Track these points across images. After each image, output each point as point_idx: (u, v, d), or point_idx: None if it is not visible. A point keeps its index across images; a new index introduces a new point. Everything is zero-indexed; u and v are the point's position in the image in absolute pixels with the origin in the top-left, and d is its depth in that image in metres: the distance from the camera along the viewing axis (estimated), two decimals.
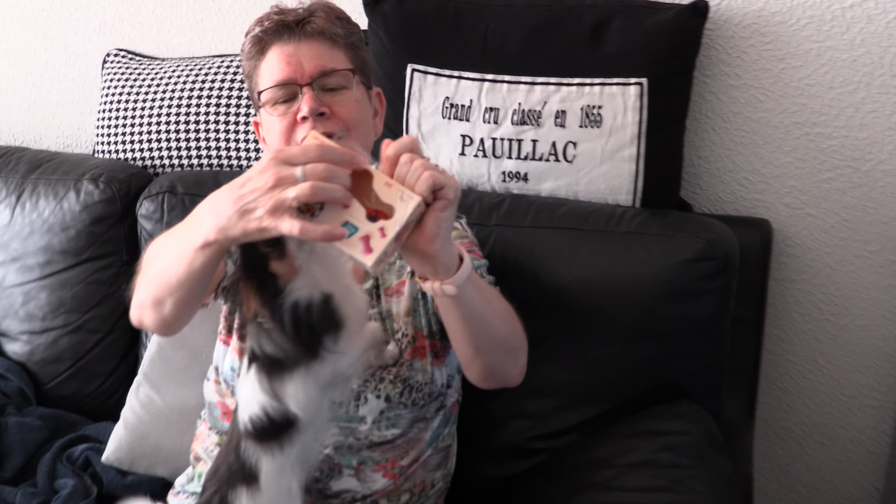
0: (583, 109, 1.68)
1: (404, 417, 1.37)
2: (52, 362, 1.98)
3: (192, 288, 1.14)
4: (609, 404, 1.56)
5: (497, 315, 1.20)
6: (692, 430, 1.47)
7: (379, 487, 1.37)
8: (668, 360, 1.55)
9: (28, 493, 1.70)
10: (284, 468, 1.20)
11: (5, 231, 2.01)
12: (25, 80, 2.34)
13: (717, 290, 1.53)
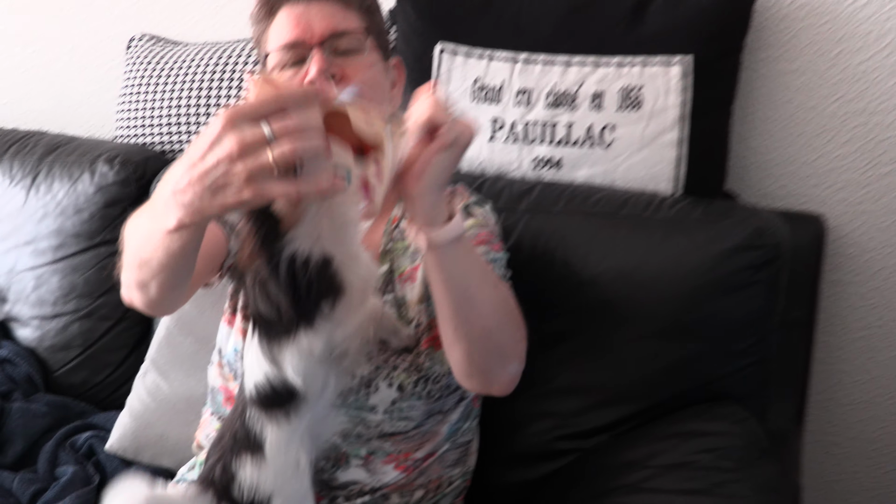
0: (621, 91, 1.59)
1: (418, 409, 1.28)
2: (62, 349, 1.94)
3: (175, 270, 1.05)
4: (642, 404, 1.45)
5: (486, 301, 1.09)
6: (736, 431, 1.36)
7: (389, 480, 1.29)
8: (709, 358, 1.44)
9: (26, 479, 1.66)
10: (292, 440, 1.15)
11: (19, 214, 1.99)
12: (51, 67, 2.32)
13: (764, 281, 1.42)
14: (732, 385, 1.44)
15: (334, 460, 1.27)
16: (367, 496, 1.28)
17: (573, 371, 1.49)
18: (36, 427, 1.78)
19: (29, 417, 1.79)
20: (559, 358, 1.49)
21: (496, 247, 1.32)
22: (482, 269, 1.10)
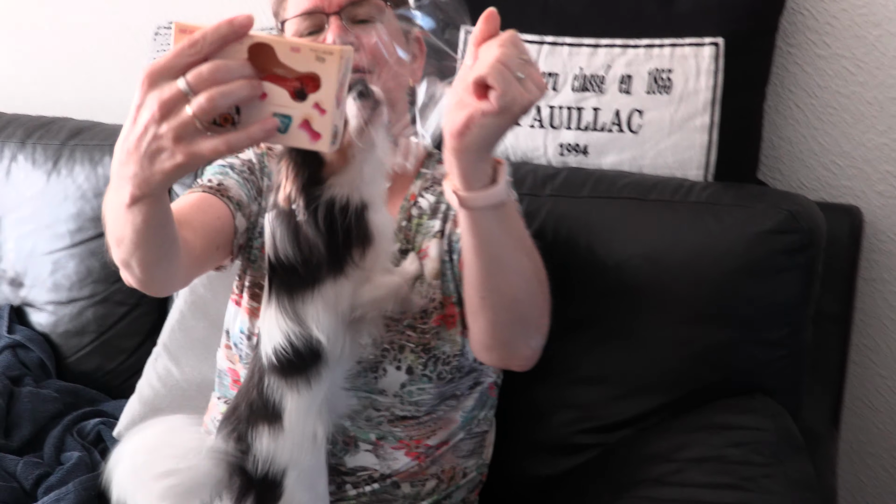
0: (651, 73, 1.53)
1: (428, 392, 1.24)
2: (76, 335, 1.94)
3: (149, 245, 0.99)
4: (669, 396, 1.40)
5: (518, 270, 1.05)
6: (768, 426, 1.29)
7: (400, 467, 1.25)
8: (740, 347, 1.38)
9: (31, 462, 1.63)
10: (311, 408, 1.13)
11: (39, 198, 1.99)
12: (79, 57, 2.32)
13: (799, 267, 1.36)
14: (765, 378, 1.38)
15: (343, 444, 1.23)
16: (377, 483, 1.24)
17: (596, 360, 1.44)
18: (45, 412, 1.76)
19: (38, 402, 1.77)
20: (582, 346, 1.44)
21: None
22: (519, 238, 1.05)
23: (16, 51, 2.38)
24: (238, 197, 1.26)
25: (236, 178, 1.28)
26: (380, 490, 1.24)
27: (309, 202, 1.04)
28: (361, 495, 1.24)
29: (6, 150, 2.05)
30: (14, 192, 2.02)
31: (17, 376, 1.83)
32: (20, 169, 2.02)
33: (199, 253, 1.17)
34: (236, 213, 1.24)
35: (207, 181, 1.26)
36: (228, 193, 1.25)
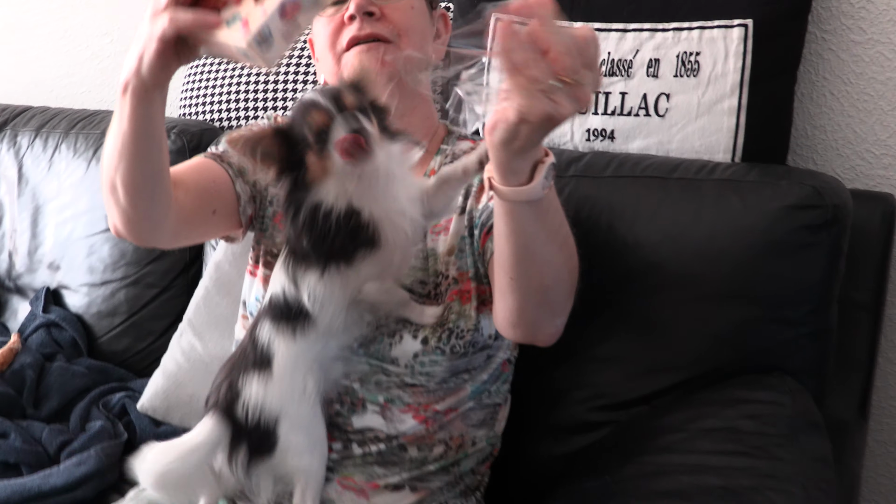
0: (679, 57, 1.56)
1: (440, 365, 1.25)
2: (108, 315, 2.00)
3: (134, 157, 1.07)
4: (686, 375, 1.39)
5: (549, 261, 1.07)
6: (785, 402, 1.28)
7: (407, 430, 1.26)
8: (760, 325, 1.37)
9: (56, 429, 1.70)
10: (299, 363, 1.18)
11: (78, 185, 2.08)
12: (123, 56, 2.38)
13: (823, 244, 1.35)
14: (786, 357, 1.36)
15: (350, 405, 1.25)
16: (383, 444, 1.25)
17: (614, 339, 1.44)
18: (73, 386, 1.83)
19: (67, 376, 1.84)
20: (600, 325, 1.45)
21: None
22: (553, 231, 1.06)
23: (65, 52, 2.49)
24: (240, 165, 1.30)
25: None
26: (386, 451, 1.25)
27: (290, 204, 1.10)
28: (367, 455, 1.25)
29: (50, 141, 2.16)
30: (56, 181, 2.12)
31: (49, 353, 1.91)
32: (62, 159, 2.13)
33: (190, 213, 1.22)
34: (236, 180, 1.29)
35: (213, 149, 1.32)
36: (229, 160, 1.30)
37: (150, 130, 1.06)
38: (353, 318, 1.18)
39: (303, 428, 1.18)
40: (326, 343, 1.18)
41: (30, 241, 2.14)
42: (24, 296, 2.15)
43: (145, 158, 1.09)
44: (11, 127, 2.24)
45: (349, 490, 1.25)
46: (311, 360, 1.18)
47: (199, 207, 1.24)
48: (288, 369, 1.17)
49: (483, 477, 1.38)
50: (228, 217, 1.30)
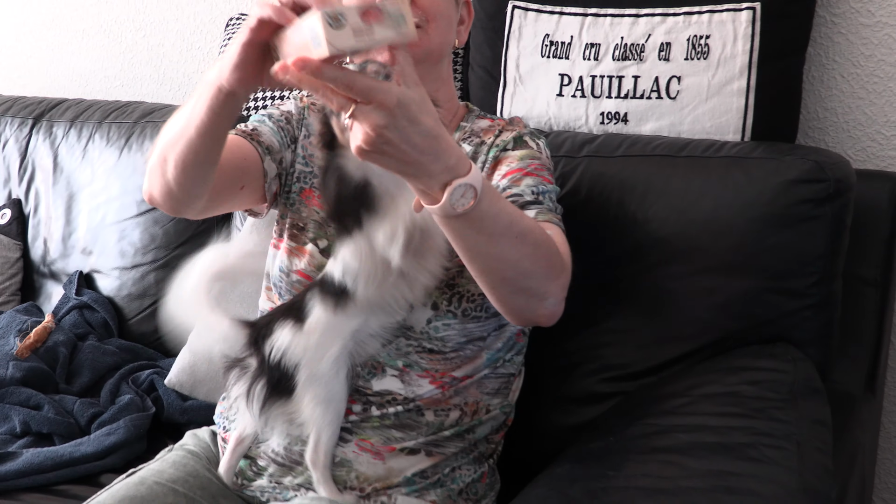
0: (689, 40, 1.62)
1: (453, 329, 1.31)
2: (138, 297, 2.07)
3: (194, 140, 1.13)
4: (692, 345, 1.44)
5: (499, 258, 1.11)
6: (787, 369, 1.32)
7: (424, 393, 1.31)
8: (764, 296, 1.42)
9: (86, 403, 1.77)
10: (331, 330, 1.25)
11: (110, 172, 2.16)
12: (157, 51, 2.50)
13: (826, 217, 1.39)
14: (790, 328, 1.41)
15: (370, 368, 1.31)
16: (401, 406, 1.30)
17: (624, 312, 1.50)
18: (104, 363, 1.90)
19: (98, 354, 1.91)
20: (610, 298, 1.50)
21: (547, 179, 1.34)
22: (497, 232, 1.09)
23: (99, 47, 2.57)
24: (269, 143, 1.36)
25: (271, 126, 1.38)
26: (403, 414, 1.30)
27: (326, 164, 1.17)
28: (385, 417, 1.30)
29: (84, 131, 2.24)
30: (89, 169, 2.19)
31: (82, 334, 1.98)
32: (95, 147, 2.20)
33: (222, 188, 1.27)
34: (265, 157, 1.34)
35: (242, 126, 1.38)
36: (259, 139, 1.35)
37: (217, 127, 1.11)
38: (391, 296, 1.24)
39: (322, 382, 1.24)
40: (366, 320, 1.25)
41: (63, 227, 2.20)
42: (58, 280, 2.21)
43: (204, 148, 1.14)
44: (47, 119, 2.31)
45: (366, 452, 1.30)
46: (346, 332, 1.25)
47: (229, 182, 1.30)
48: (319, 330, 1.24)
49: (497, 445, 1.43)
50: (255, 192, 1.36)
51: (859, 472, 1.38)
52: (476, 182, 1.00)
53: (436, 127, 0.95)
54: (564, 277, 1.19)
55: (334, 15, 0.85)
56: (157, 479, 1.34)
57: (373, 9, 0.87)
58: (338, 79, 0.88)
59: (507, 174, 1.31)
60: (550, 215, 1.27)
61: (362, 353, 1.28)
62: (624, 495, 1.06)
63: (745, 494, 1.02)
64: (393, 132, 0.91)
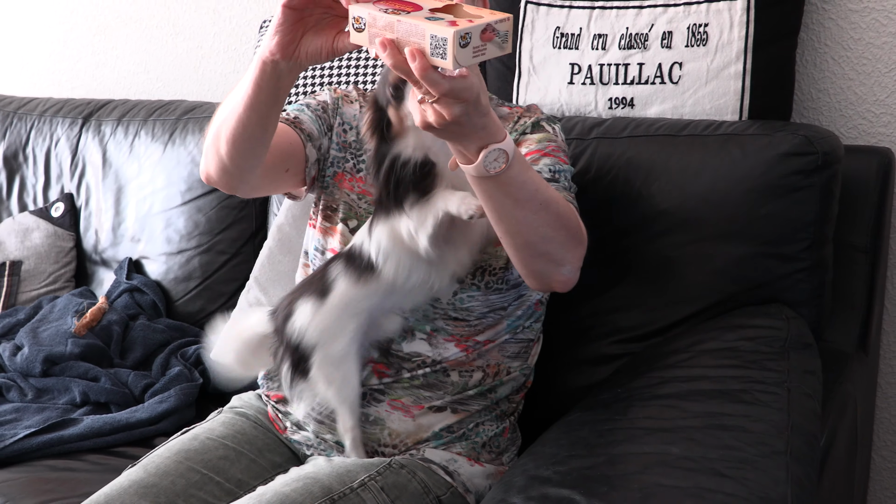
0: (689, 28, 1.67)
1: (477, 300, 1.37)
2: (183, 280, 2.13)
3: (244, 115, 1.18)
4: (694, 307, 1.50)
5: (523, 222, 1.18)
6: (781, 326, 1.39)
7: (450, 356, 1.38)
8: (759, 260, 1.48)
9: (140, 375, 1.87)
10: (351, 304, 1.31)
11: (156, 165, 2.22)
12: (196, 52, 2.55)
13: (815, 186, 1.45)
14: (784, 290, 1.47)
15: (402, 332, 1.37)
16: (429, 368, 1.37)
17: (631, 279, 1.55)
18: (154, 340, 1.98)
19: (149, 332, 2.00)
20: (619, 267, 1.57)
21: (563, 159, 1.39)
22: (524, 197, 1.15)
23: (143, 51, 2.63)
24: (310, 130, 1.42)
25: (310, 115, 1.44)
26: (430, 375, 1.37)
27: (377, 153, 1.25)
28: (414, 378, 1.37)
29: (131, 128, 2.29)
30: (136, 163, 2.26)
31: (133, 314, 2.05)
32: (142, 143, 2.26)
33: (269, 169, 1.34)
34: (307, 143, 1.41)
35: (286, 115, 1.44)
36: (301, 126, 1.41)
37: (262, 101, 1.15)
38: (417, 280, 1.29)
39: (335, 364, 1.31)
40: (386, 298, 1.31)
41: (113, 218, 2.27)
42: (109, 267, 2.27)
43: (252, 123, 1.18)
44: (96, 118, 2.37)
45: (398, 410, 1.37)
46: (364, 308, 1.30)
47: (276, 165, 1.35)
48: (339, 306, 1.30)
49: (518, 405, 1.49)
50: (297, 175, 1.42)
51: (850, 421, 1.44)
52: (509, 149, 1.08)
53: (488, 104, 1.04)
54: (582, 248, 1.25)
55: (463, 34, 0.91)
56: (209, 436, 1.42)
57: (490, 30, 0.94)
58: (438, 83, 0.96)
59: (527, 154, 1.36)
60: (565, 193, 1.32)
61: (378, 332, 1.35)
62: (628, 433, 1.14)
63: (738, 431, 1.10)
64: (465, 118, 1.01)
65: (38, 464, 1.62)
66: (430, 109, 1.00)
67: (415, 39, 0.94)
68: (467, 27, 0.92)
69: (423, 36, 0.94)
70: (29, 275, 2.26)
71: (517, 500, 1.04)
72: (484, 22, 0.93)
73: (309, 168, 1.43)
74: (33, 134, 2.47)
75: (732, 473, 1.01)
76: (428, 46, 0.93)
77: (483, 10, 0.98)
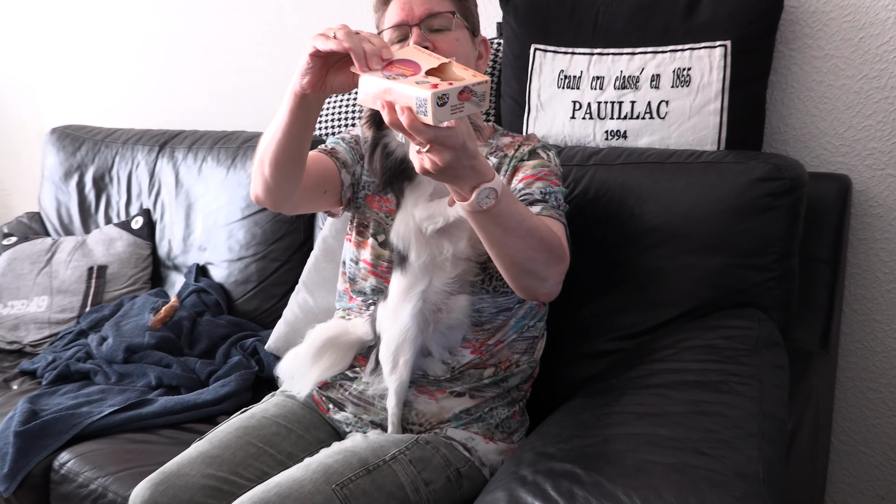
0: (675, 72, 1.66)
1: (487, 302, 1.37)
2: (242, 283, 2.15)
3: (284, 145, 1.18)
4: (679, 310, 1.49)
5: (512, 246, 1.17)
6: (754, 327, 1.37)
7: (466, 361, 1.39)
8: (735, 271, 1.46)
9: (205, 362, 1.88)
10: (400, 293, 1.31)
11: (220, 186, 2.24)
12: (255, 91, 2.59)
13: (784, 207, 1.44)
14: (758, 296, 1.45)
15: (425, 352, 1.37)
16: (449, 373, 1.38)
17: (624, 285, 1.54)
18: (218, 334, 2.00)
19: (213, 326, 2.02)
20: (614, 276, 1.56)
21: (555, 182, 1.38)
22: (511, 226, 1.14)
23: (209, 90, 2.67)
24: (344, 158, 1.43)
25: (344, 147, 1.45)
26: (450, 375, 1.39)
27: (374, 140, 1.25)
28: (435, 378, 1.39)
29: (199, 154, 2.33)
30: (203, 184, 2.29)
31: (199, 311, 2.08)
32: (208, 167, 2.29)
33: (309, 191, 1.34)
34: (341, 170, 1.42)
35: (324, 147, 1.45)
36: (337, 155, 1.42)
37: (296, 127, 1.15)
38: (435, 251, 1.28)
39: (392, 345, 1.31)
40: (430, 281, 1.30)
41: (184, 230, 2.30)
42: (179, 271, 2.30)
43: (289, 146, 1.18)
44: (170, 145, 2.41)
45: (423, 394, 1.38)
46: (415, 294, 1.30)
47: (314, 187, 1.36)
48: (393, 297, 1.31)
49: (526, 392, 1.49)
50: (333, 196, 1.43)
51: (813, 410, 1.42)
52: (498, 186, 1.08)
53: (476, 149, 1.05)
54: (563, 265, 1.24)
55: (441, 95, 0.93)
56: (264, 415, 1.44)
57: (468, 91, 0.96)
58: (422, 132, 0.97)
59: (522, 179, 1.37)
60: (553, 211, 1.32)
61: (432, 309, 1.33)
62: (622, 417, 1.14)
63: (716, 416, 1.09)
64: (455, 162, 1.01)
65: (119, 437, 1.64)
66: (426, 157, 1.01)
67: (404, 101, 0.96)
68: (445, 89, 0.94)
69: (410, 98, 0.96)
70: (112, 277, 2.29)
71: (526, 472, 1.04)
72: (462, 84, 0.95)
73: (344, 191, 1.43)
74: (117, 159, 2.51)
75: (712, 452, 1.00)
76: (414, 106, 0.95)
77: (469, 71, 0.99)
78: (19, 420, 1.63)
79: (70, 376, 1.90)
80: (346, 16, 2.31)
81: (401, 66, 1.02)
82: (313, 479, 1.21)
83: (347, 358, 1.43)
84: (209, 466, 1.30)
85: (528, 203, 1.31)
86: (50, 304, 2.21)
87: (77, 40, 2.88)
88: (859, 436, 1.81)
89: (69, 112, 2.97)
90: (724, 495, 0.92)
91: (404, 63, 1.02)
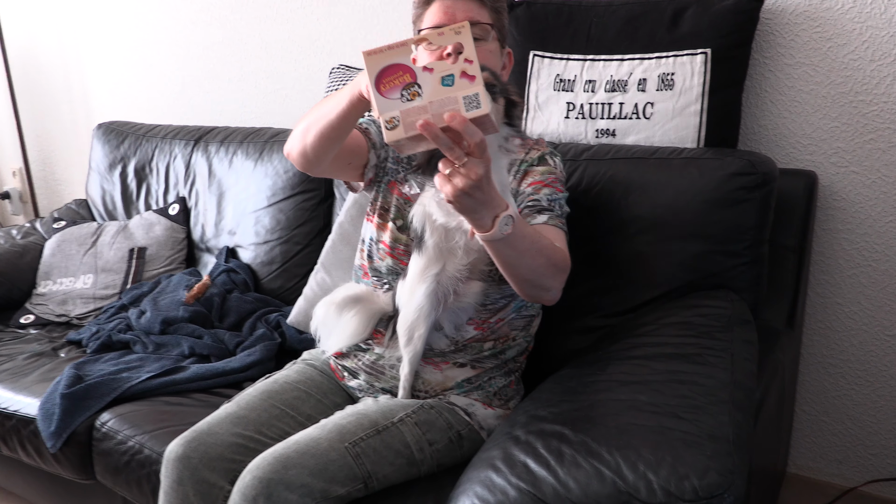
0: (660, 76, 1.65)
1: (494, 288, 1.36)
2: (268, 264, 2.13)
3: (332, 127, 1.17)
4: (660, 290, 1.48)
5: (525, 266, 1.16)
6: (727, 306, 1.37)
7: (469, 336, 1.38)
8: (711, 256, 1.46)
9: (234, 335, 1.87)
10: (416, 272, 1.28)
11: (249, 177, 2.22)
12: (281, 92, 2.56)
13: (756, 199, 1.43)
14: (732, 278, 1.45)
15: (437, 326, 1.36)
16: (453, 346, 1.38)
17: (611, 269, 1.54)
18: (245, 309, 1.99)
19: (241, 302, 2.00)
20: (602, 261, 1.55)
21: (560, 189, 1.36)
22: (524, 249, 1.13)
23: (240, 91, 2.64)
24: (375, 140, 1.39)
25: (376, 130, 1.41)
26: (455, 348, 1.38)
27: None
28: (440, 351, 1.38)
29: (230, 148, 2.30)
30: (234, 174, 2.27)
31: (229, 289, 2.06)
32: (238, 160, 2.27)
33: (338, 159, 1.30)
34: (370, 149, 1.37)
35: (359, 124, 1.40)
36: (369, 135, 1.38)
37: (347, 118, 1.15)
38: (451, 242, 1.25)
39: (407, 319, 1.30)
40: (443, 265, 1.28)
41: (216, 216, 2.29)
42: (212, 253, 2.29)
43: (337, 128, 1.17)
44: (204, 140, 2.39)
45: (429, 364, 1.38)
46: (430, 276, 1.28)
47: (343, 157, 1.32)
48: (411, 275, 1.29)
49: (522, 364, 1.48)
50: (356, 169, 1.38)
51: (779, 381, 1.42)
52: (514, 213, 1.06)
53: (492, 182, 1.02)
54: (564, 275, 1.23)
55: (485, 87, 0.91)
56: (286, 381, 1.43)
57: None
58: (474, 133, 0.94)
59: (531, 184, 1.34)
60: (558, 220, 1.30)
61: (445, 292, 1.30)
62: (607, 384, 1.13)
63: (692, 384, 1.09)
64: (475, 191, 0.99)
65: (156, 399, 1.64)
66: (458, 175, 0.97)
67: (449, 106, 0.91)
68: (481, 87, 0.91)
69: (455, 101, 0.91)
70: (151, 258, 2.28)
71: (520, 432, 1.04)
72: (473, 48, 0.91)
73: (368, 170, 1.39)
74: (157, 152, 2.49)
75: (687, 416, 1.00)
76: (463, 106, 0.91)
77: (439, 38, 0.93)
78: (66, 384, 1.63)
79: (112, 346, 1.90)
80: (364, 25, 2.28)
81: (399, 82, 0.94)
82: (329, 438, 1.21)
83: (369, 327, 1.41)
84: (236, 426, 1.30)
85: (536, 210, 1.29)
86: (95, 281, 2.21)
87: (124, 46, 2.86)
88: (820, 406, 1.81)
89: (115, 109, 2.96)
90: (698, 454, 0.91)
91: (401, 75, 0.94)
